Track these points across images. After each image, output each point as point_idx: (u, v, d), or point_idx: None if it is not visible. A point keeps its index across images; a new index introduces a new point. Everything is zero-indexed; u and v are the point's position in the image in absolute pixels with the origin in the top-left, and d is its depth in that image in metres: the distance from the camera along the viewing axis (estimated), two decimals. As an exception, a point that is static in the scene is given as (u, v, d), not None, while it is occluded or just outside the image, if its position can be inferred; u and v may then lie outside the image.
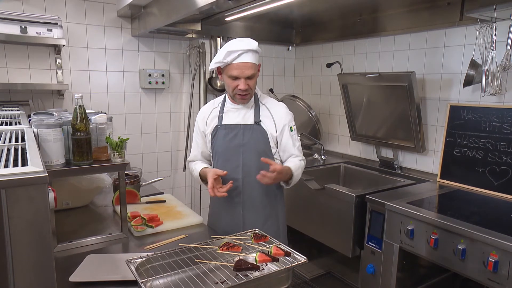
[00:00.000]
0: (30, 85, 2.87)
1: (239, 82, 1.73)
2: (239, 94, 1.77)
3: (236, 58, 1.69)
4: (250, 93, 1.79)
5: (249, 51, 1.71)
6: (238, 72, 1.71)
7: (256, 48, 1.73)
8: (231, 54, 1.69)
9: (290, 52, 3.98)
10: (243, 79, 1.72)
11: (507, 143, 2.24)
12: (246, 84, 1.73)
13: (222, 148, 1.86)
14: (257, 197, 1.87)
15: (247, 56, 1.70)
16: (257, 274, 1.26)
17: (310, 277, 3.10)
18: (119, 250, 1.63)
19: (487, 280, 1.69)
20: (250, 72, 1.72)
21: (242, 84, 1.73)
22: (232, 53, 1.69)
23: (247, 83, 1.73)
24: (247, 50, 1.70)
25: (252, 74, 1.74)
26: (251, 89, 1.78)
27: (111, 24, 3.20)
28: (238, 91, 1.76)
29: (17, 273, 0.79)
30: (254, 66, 1.74)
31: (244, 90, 1.74)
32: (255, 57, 1.74)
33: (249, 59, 1.71)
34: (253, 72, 1.74)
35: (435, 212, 2.01)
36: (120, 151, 1.59)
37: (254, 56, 1.74)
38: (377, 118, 2.97)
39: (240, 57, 1.70)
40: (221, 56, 1.71)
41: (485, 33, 2.16)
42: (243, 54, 1.70)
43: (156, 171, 3.62)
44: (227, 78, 1.76)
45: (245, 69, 1.71)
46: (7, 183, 0.76)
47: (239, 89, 1.74)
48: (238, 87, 1.74)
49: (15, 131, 1.39)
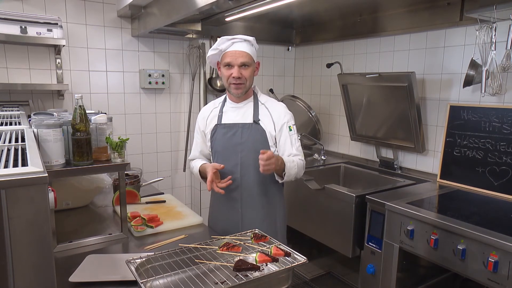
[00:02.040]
0: (30, 85, 2.87)
1: (233, 70, 1.76)
2: (233, 83, 1.79)
3: (230, 46, 1.77)
4: (244, 83, 1.80)
5: (244, 41, 1.77)
6: (231, 58, 1.76)
7: (251, 39, 1.79)
8: (226, 42, 1.77)
9: (290, 52, 3.98)
10: (236, 67, 1.76)
11: (507, 143, 2.24)
12: (239, 72, 1.76)
13: (221, 147, 1.87)
14: (255, 196, 1.88)
15: (241, 44, 1.77)
16: (257, 274, 1.26)
17: (310, 277, 3.10)
18: (119, 250, 1.63)
19: (487, 280, 1.68)
20: (244, 60, 1.76)
21: (235, 71, 1.76)
22: (227, 41, 1.77)
23: (241, 71, 1.76)
24: (242, 40, 1.77)
25: (246, 62, 1.76)
26: (246, 79, 1.79)
27: (111, 24, 3.21)
28: (231, 79, 1.78)
29: (17, 273, 0.79)
30: (248, 56, 1.77)
31: (237, 78, 1.76)
32: (249, 47, 1.79)
33: (243, 47, 1.77)
34: (247, 61, 1.77)
35: (435, 212, 2.01)
36: (120, 151, 1.59)
37: (249, 47, 1.78)
38: (377, 118, 2.97)
39: (234, 45, 1.77)
40: (216, 44, 1.79)
41: (485, 33, 2.16)
42: (237, 43, 1.76)
43: (156, 171, 3.62)
44: (223, 68, 1.81)
45: (238, 56, 1.76)
46: (7, 183, 0.76)
47: (232, 76, 1.77)
48: (231, 75, 1.77)
49: (15, 131, 1.39)
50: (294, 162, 1.80)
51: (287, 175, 1.78)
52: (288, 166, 1.77)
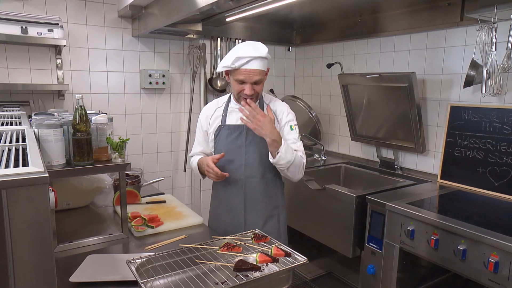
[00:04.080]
0: (31, 86, 2.87)
1: (245, 86, 1.72)
2: (244, 98, 1.76)
3: (244, 64, 1.67)
4: (256, 97, 1.78)
5: (258, 58, 1.68)
6: (245, 77, 1.70)
7: (265, 54, 1.70)
8: (239, 60, 1.67)
9: (290, 52, 3.98)
10: (249, 84, 1.71)
11: (507, 143, 2.24)
12: (252, 89, 1.72)
13: (225, 148, 1.85)
14: (259, 198, 1.87)
15: (255, 63, 1.68)
16: (258, 274, 1.26)
17: (310, 278, 3.10)
18: (120, 250, 1.63)
19: (487, 281, 1.68)
20: (257, 78, 1.71)
21: (248, 89, 1.71)
22: (241, 59, 1.67)
23: (254, 88, 1.72)
24: (256, 57, 1.67)
25: (259, 80, 1.72)
26: (257, 93, 1.77)
27: (111, 25, 3.21)
28: (243, 95, 1.75)
29: (18, 274, 0.79)
30: (262, 73, 1.72)
31: (249, 95, 1.73)
32: (263, 63, 1.72)
33: (257, 65, 1.69)
34: (260, 78, 1.72)
35: (436, 213, 2.01)
36: (121, 152, 1.59)
37: (263, 62, 1.71)
38: (378, 119, 2.97)
39: (248, 64, 1.67)
40: (229, 61, 1.69)
41: (486, 33, 2.16)
42: (252, 61, 1.67)
43: (157, 172, 3.62)
44: (234, 81, 1.75)
45: (253, 75, 1.69)
46: (8, 183, 0.76)
47: (245, 93, 1.73)
48: (243, 91, 1.73)
49: (15, 131, 1.39)
50: (292, 149, 1.74)
51: (281, 156, 1.68)
52: (285, 147, 1.70)
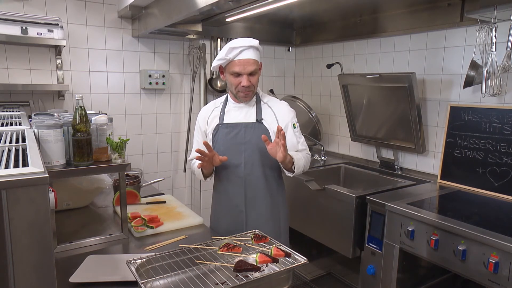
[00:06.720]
0: (31, 86, 2.87)
1: (241, 78, 1.75)
2: (242, 92, 1.79)
3: (238, 54, 1.72)
4: (252, 90, 1.81)
5: (251, 47, 1.73)
6: (240, 68, 1.73)
7: (257, 45, 1.76)
8: (233, 51, 1.72)
9: (290, 53, 3.98)
10: (245, 76, 1.74)
11: (507, 144, 2.24)
12: (248, 81, 1.75)
13: (224, 147, 1.86)
14: (259, 196, 1.87)
15: (248, 52, 1.73)
16: (258, 275, 1.25)
17: (310, 278, 3.10)
18: (120, 250, 1.63)
19: (487, 281, 1.68)
20: (252, 68, 1.74)
21: (244, 80, 1.74)
22: (234, 50, 1.72)
23: (249, 79, 1.75)
24: (249, 47, 1.73)
25: (254, 70, 1.76)
26: (254, 86, 1.80)
27: (111, 25, 3.21)
28: (240, 88, 1.77)
29: (18, 274, 0.79)
30: (255, 63, 1.76)
31: (246, 87, 1.76)
32: (256, 54, 1.76)
33: (251, 55, 1.73)
34: (255, 68, 1.76)
35: (436, 213, 2.01)
36: (121, 152, 1.59)
37: (256, 53, 1.76)
38: (378, 119, 2.97)
39: (241, 54, 1.72)
40: (223, 53, 1.74)
41: (486, 34, 2.16)
42: (245, 51, 1.72)
43: (157, 172, 3.62)
44: (230, 76, 1.78)
45: (247, 65, 1.73)
46: (7, 184, 0.76)
47: (242, 86, 1.76)
48: (240, 84, 1.76)
49: (15, 131, 1.39)
50: (299, 154, 1.80)
51: (296, 167, 1.75)
52: (296, 158, 1.76)
